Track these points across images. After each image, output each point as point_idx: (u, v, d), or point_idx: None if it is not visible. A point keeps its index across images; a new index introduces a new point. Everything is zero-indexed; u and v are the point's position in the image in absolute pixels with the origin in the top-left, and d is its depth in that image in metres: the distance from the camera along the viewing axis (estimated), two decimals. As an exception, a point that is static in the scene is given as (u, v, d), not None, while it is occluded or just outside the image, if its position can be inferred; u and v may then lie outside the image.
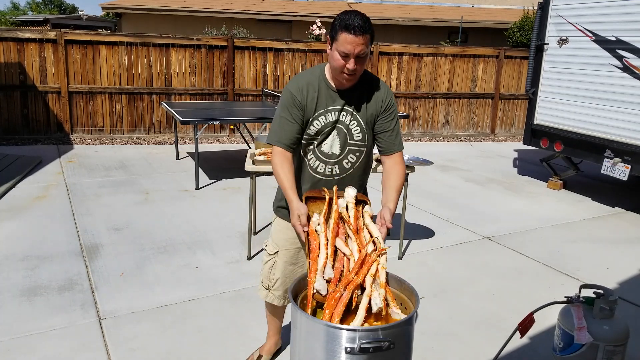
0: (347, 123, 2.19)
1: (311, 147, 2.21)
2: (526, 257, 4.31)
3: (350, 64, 2.02)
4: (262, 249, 2.53)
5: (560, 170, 6.74)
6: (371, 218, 2.02)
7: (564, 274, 4.02)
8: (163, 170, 6.64)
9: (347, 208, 2.01)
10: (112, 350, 2.79)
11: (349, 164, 2.24)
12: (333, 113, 2.17)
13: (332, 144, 2.20)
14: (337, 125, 2.18)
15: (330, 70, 2.15)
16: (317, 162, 2.22)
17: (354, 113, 2.19)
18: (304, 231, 1.93)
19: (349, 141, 2.20)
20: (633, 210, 5.75)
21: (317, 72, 2.20)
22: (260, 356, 2.71)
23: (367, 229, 1.97)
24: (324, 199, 2.05)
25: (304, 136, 2.19)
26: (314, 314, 1.81)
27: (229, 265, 3.90)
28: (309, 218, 1.97)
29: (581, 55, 5.99)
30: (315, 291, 1.77)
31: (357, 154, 2.24)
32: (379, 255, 1.83)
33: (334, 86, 2.17)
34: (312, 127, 2.17)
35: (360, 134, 2.21)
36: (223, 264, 3.92)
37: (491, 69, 9.94)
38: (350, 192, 2.03)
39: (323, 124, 2.17)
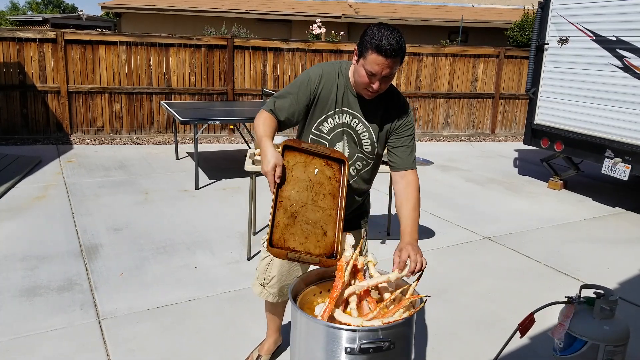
0: (359, 132, 2.14)
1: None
2: (526, 257, 4.30)
3: (375, 85, 1.96)
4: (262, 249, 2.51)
5: (561, 170, 6.74)
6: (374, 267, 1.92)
7: (564, 274, 4.02)
8: (162, 170, 6.63)
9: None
10: (111, 351, 2.79)
11: (355, 170, 2.20)
12: (346, 115, 2.12)
13: (343, 150, 2.16)
14: (347, 130, 2.14)
15: (352, 73, 2.08)
16: None
17: (367, 124, 2.13)
18: (274, 182, 1.87)
19: (358, 148, 2.16)
20: (633, 210, 5.74)
21: (343, 69, 2.13)
22: (259, 356, 2.70)
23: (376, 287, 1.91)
24: (303, 151, 1.98)
25: (314, 130, 2.15)
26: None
27: (228, 266, 3.89)
28: (284, 169, 1.91)
29: (582, 55, 5.99)
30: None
31: (364, 162, 2.20)
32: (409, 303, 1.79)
33: (354, 90, 2.11)
34: (325, 124, 2.14)
35: (370, 147, 2.16)
36: (222, 264, 3.92)
37: (491, 69, 9.93)
38: (349, 241, 1.94)
39: (336, 123, 2.13)
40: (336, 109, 2.12)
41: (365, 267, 1.93)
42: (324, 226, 1.95)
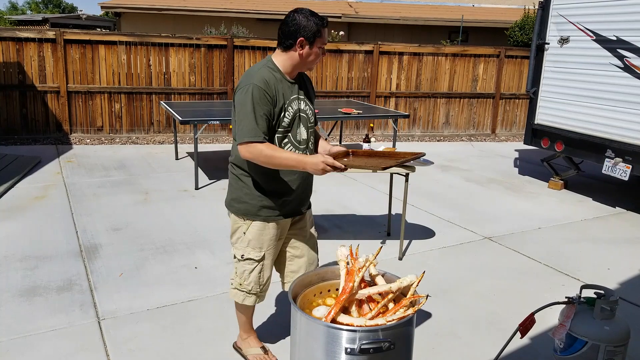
0: (306, 110, 2.41)
1: (286, 139, 2.33)
2: (527, 257, 4.30)
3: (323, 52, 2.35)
4: (238, 261, 2.51)
5: (561, 170, 6.73)
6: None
7: (564, 274, 4.01)
8: (162, 170, 6.62)
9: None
10: (111, 351, 2.79)
11: (312, 144, 2.47)
12: (296, 102, 2.36)
13: (301, 131, 2.36)
14: (300, 114, 2.36)
15: (289, 64, 2.30)
16: (295, 151, 2.35)
17: (306, 99, 2.43)
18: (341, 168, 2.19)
19: (309, 124, 2.43)
20: (634, 210, 5.74)
21: (271, 67, 2.31)
22: (262, 347, 2.73)
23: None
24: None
25: (279, 129, 2.30)
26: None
27: (228, 266, 3.89)
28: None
29: (582, 54, 5.98)
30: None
31: (313, 132, 2.48)
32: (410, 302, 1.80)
33: (289, 78, 2.35)
34: (285, 119, 2.30)
35: (312, 116, 2.47)
36: (223, 264, 3.91)
37: (492, 69, 9.93)
38: (344, 252, 1.99)
39: (292, 112, 2.32)
40: (286, 101, 2.30)
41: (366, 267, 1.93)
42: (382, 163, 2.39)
